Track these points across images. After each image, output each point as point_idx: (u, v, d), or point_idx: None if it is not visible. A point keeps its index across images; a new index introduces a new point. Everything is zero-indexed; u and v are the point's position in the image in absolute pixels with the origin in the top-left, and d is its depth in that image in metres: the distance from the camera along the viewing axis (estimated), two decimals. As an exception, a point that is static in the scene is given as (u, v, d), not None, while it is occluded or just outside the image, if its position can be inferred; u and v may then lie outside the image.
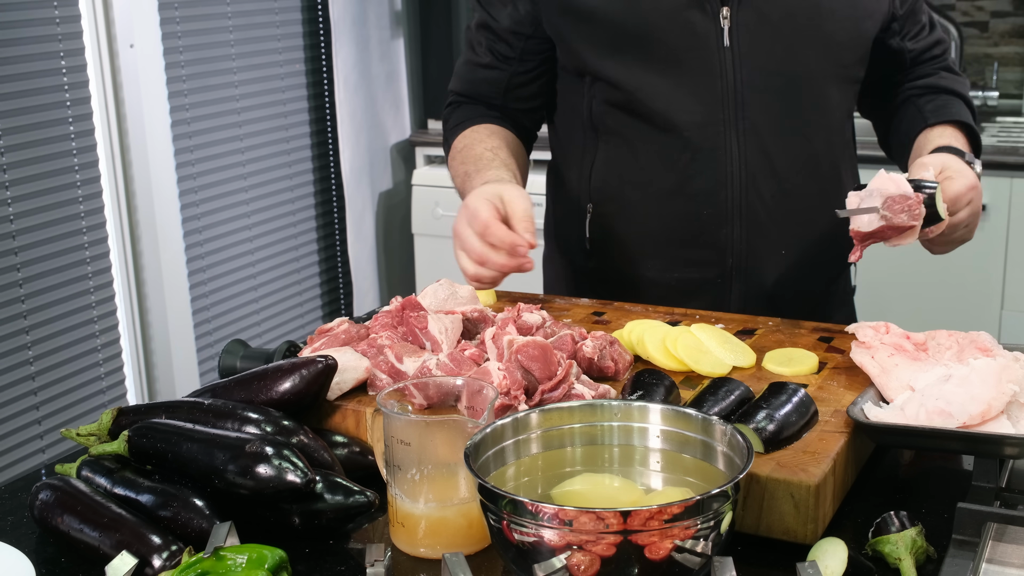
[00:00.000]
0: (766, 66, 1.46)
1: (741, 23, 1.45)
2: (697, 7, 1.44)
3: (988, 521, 0.94)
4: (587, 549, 0.82)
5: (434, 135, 3.46)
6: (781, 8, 1.46)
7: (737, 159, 1.48)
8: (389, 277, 3.62)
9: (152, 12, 2.75)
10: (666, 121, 1.48)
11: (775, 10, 1.45)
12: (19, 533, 1.06)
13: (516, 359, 1.13)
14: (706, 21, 1.45)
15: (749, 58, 1.46)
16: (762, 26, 1.45)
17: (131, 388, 2.86)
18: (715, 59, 1.46)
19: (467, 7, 3.36)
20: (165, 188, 2.83)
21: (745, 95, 1.47)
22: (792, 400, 1.06)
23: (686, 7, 1.44)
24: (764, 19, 1.45)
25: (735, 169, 1.49)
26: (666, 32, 1.45)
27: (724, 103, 1.47)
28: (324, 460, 1.06)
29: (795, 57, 1.47)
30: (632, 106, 1.49)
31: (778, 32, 1.46)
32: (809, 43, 1.47)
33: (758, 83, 1.47)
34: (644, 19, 1.45)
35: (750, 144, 1.48)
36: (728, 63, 1.46)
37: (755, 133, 1.48)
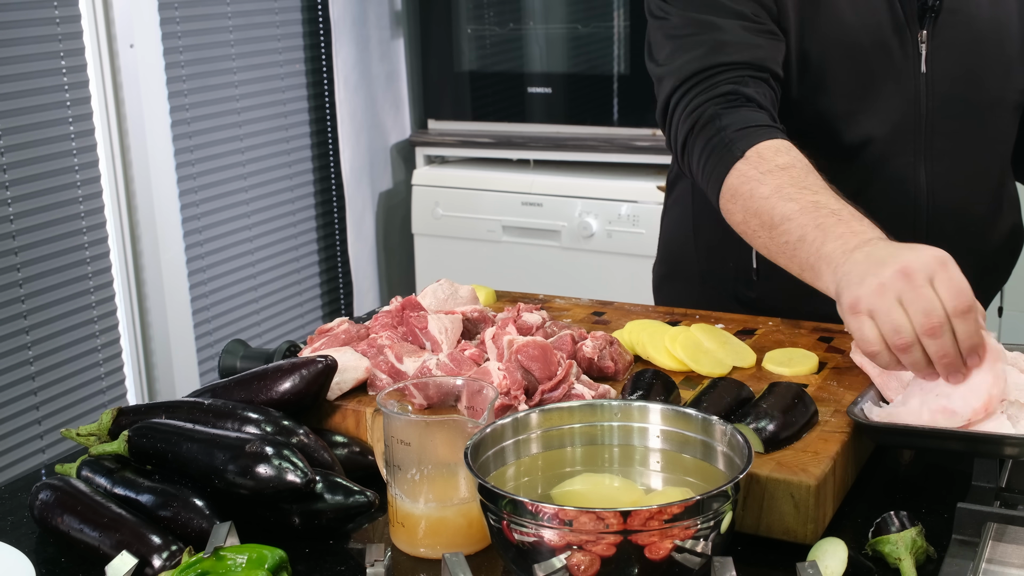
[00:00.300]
0: (952, 92, 1.40)
1: (936, 47, 1.38)
2: (896, 32, 1.37)
3: (988, 521, 0.94)
4: (587, 549, 0.82)
5: (434, 135, 3.46)
6: (969, 32, 1.39)
7: (924, 189, 1.42)
8: (389, 277, 3.62)
9: (152, 12, 2.74)
10: (856, 149, 1.39)
11: (964, 34, 1.39)
12: (19, 533, 1.06)
13: (516, 359, 1.13)
14: (904, 45, 1.37)
15: (940, 83, 1.39)
16: (953, 50, 1.39)
17: (131, 388, 2.86)
18: (911, 85, 1.38)
19: (467, 7, 3.36)
20: (165, 188, 2.83)
21: (934, 121, 1.40)
22: (792, 400, 1.06)
23: (887, 31, 1.36)
24: (955, 43, 1.38)
25: (922, 200, 1.42)
26: (867, 55, 1.37)
27: (916, 130, 1.40)
28: (324, 460, 1.06)
29: (977, 81, 1.41)
30: (819, 130, 1.39)
31: (965, 56, 1.39)
32: (991, 68, 1.41)
33: (946, 109, 1.40)
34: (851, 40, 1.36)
35: (937, 173, 1.41)
36: (923, 90, 1.39)
37: (941, 161, 1.40)
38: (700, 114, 1.31)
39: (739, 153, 1.26)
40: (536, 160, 3.30)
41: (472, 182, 3.31)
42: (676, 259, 1.67)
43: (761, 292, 1.52)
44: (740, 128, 1.27)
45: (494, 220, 3.25)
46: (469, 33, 3.40)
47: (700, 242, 1.59)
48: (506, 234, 3.24)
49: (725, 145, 1.28)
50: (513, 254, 3.24)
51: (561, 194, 3.13)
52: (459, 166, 3.44)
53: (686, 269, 1.63)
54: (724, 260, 1.54)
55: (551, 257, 3.17)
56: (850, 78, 1.38)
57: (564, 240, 3.13)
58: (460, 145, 3.41)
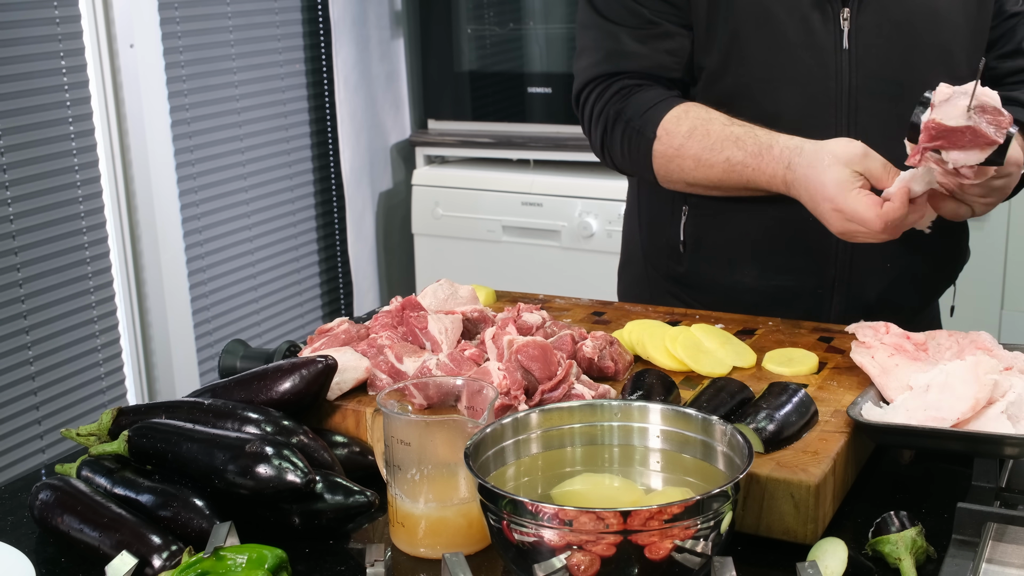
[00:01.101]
0: (880, 71, 1.42)
1: (860, 26, 1.41)
2: (817, 7, 1.40)
3: (988, 521, 0.94)
4: (587, 549, 0.82)
5: (434, 135, 3.46)
6: (900, 14, 1.41)
7: None
8: (389, 277, 3.62)
9: (152, 12, 2.74)
10: (776, 120, 1.41)
11: (895, 16, 1.41)
12: (19, 533, 1.06)
13: (516, 359, 1.13)
14: (826, 21, 1.41)
15: (865, 62, 1.41)
16: (880, 31, 1.41)
17: (131, 388, 2.86)
18: (831, 60, 1.41)
19: (467, 7, 3.36)
20: (165, 188, 2.83)
21: (859, 99, 1.42)
22: (792, 400, 1.06)
23: (809, 6, 1.40)
24: (883, 24, 1.41)
25: None
26: (786, 27, 1.41)
27: (837, 106, 1.42)
28: (324, 460, 1.06)
29: (910, 64, 1.42)
30: (740, 102, 1.43)
31: (895, 38, 1.42)
32: (924, 51, 1.43)
33: (872, 88, 1.42)
34: (766, 10, 1.40)
35: None
36: (844, 66, 1.41)
37: (865, 138, 1.40)
38: (606, 116, 1.48)
39: (651, 135, 1.43)
40: (536, 160, 3.30)
41: (472, 182, 3.31)
42: (628, 245, 1.71)
43: (689, 266, 1.56)
44: (642, 113, 1.44)
45: (494, 220, 3.25)
46: (469, 33, 3.40)
47: (643, 221, 1.64)
48: (506, 234, 3.24)
49: (637, 133, 1.45)
50: (513, 254, 3.24)
51: (561, 194, 3.13)
52: (459, 166, 3.44)
53: (635, 253, 1.68)
54: (660, 236, 1.59)
55: (551, 257, 3.17)
56: (766, 49, 1.42)
57: (564, 240, 3.14)
58: (460, 145, 3.41)
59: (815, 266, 1.48)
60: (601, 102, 1.49)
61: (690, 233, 1.53)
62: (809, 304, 1.50)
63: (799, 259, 1.49)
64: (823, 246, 1.46)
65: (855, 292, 1.49)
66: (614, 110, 1.47)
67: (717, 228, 1.51)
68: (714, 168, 1.40)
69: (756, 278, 1.51)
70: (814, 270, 1.48)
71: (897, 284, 1.51)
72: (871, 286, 1.50)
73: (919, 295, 1.56)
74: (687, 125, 1.41)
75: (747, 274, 1.51)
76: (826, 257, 1.47)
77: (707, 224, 1.52)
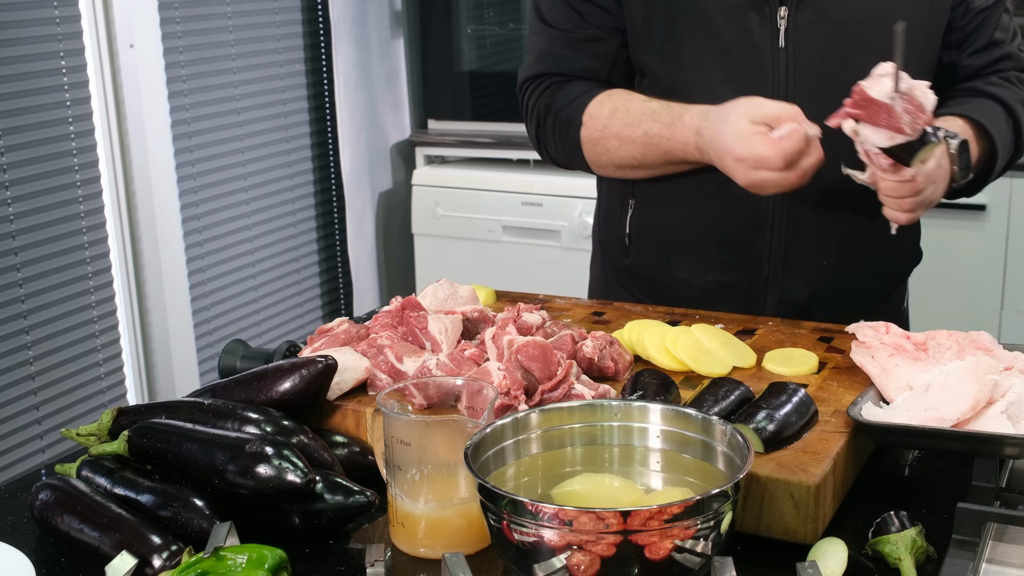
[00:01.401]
0: (819, 70, 1.42)
1: (798, 25, 1.41)
2: (755, 7, 1.41)
3: (988, 521, 0.94)
4: (587, 549, 0.82)
5: (434, 135, 3.46)
6: (839, 12, 1.41)
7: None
8: (389, 277, 3.62)
9: (152, 12, 2.75)
10: None
11: (832, 14, 1.41)
12: (19, 533, 1.06)
13: (516, 359, 1.13)
14: (762, 20, 1.41)
15: (803, 61, 1.42)
16: (819, 29, 1.41)
17: (131, 388, 2.86)
18: (768, 59, 1.42)
19: (467, 7, 3.36)
20: (165, 188, 2.83)
21: (796, 99, 1.39)
22: (792, 400, 1.06)
23: (745, 6, 1.41)
24: (821, 23, 1.41)
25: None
26: (720, 28, 1.42)
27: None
28: (324, 460, 1.06)
29: (849, 62, 1.41)
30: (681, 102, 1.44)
31: (834, 37, 1.42)
32: (866, 49, 1.40)
33: (811, 88, 1.42)
34: (700, 11, 1.42)
35: None
36: (781, 65, 1.42)
37: None
38: (538, 111, 1.55)
39: (578, 123, 1.49)
40: (536, 160, 3.30)
41: (472, 182, 3.31)
42: (593, 241, 1.73)
43: (633, 259, 1.58)
44: (570, 103, 1.50)
45: (494, 220, 3.25)
46: (469, 33, 3.40)
47: (600, 215, 1.67)
48: (506, 234, 3.24)
49: (565, 123, 1.51)
50: (513, 254, 3.24)
51: (561, 194, 3.13)
52: (459, 166, 3.44)
53: (596, 247, 1.70)
54: (611, 228, 1.62)
55: (551, 257, 3.17)
56: (702, 49, 1.44)
57: (564, 240, 3.14)
58: (460, 145, 3.41)
59: (749, 262, 1.49)
60: (533, 99, 1.56)
61: (635, 225, 1.56)
62: (744, 300, 1.51)
63: (733, 255, 1.50)
64: (758, 242, 1.48)
65: (790, 290, 1.49)
66: (544, 104, 1.54)
67: (659, 221, 1.54)
68: (635, 144, 1.45)
69: (692, 272, 1.53)
70: (748, 266, 1.49)
71: (833, 285, 1.50)
72: (805, 285, 1.49)
73: (860, 297, 1.55)
74: (609, 107, 1.47)
75: (684, 268, 1.54)
76: (760, 254, 1.48)
77: (649, 217, 1.55)
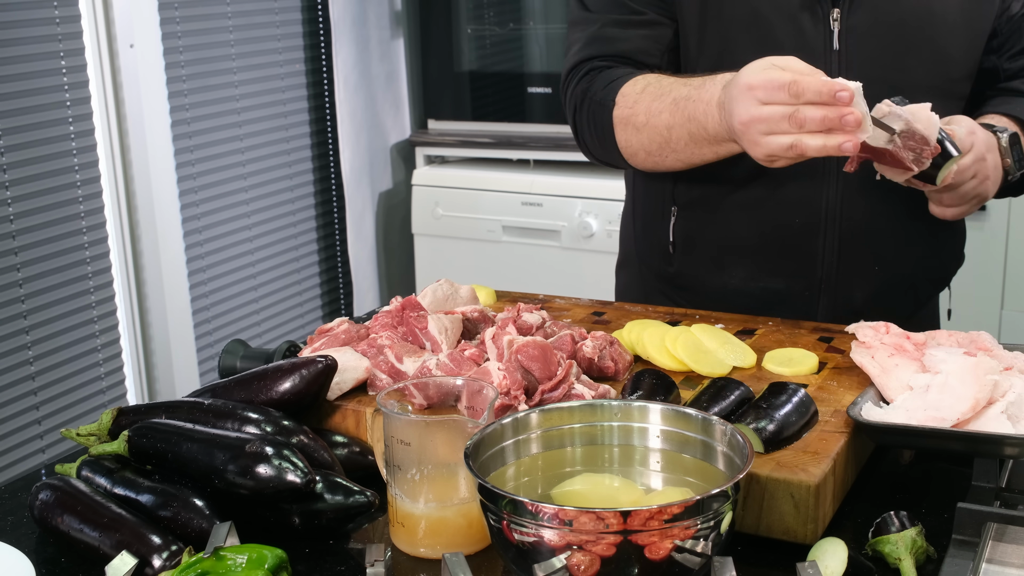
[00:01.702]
0: (872, 73, 1.39)
1: (851, 27, 1.40)
2: (807, 7, 1.40)
3: (988, 521, 0.94)
4: (587, 549, 0.82)
5: (434, 135, 3.46)
6: (893, 15, 1.40)
7: (836, 167, 1.42)
8: (389, 277, 3.62)
9: (152, 12, 2.74)
10: None
11: (887, 16, 1.40)
12: (19, 533, 1.06)
13: (516, 359, 1.13)
14: (816, 22, 1.40)
15: (857, 63, 1.40)
16: (872, 32, 1.40)
17: (131, 388, 2.86)
18: (822, 62, 1.38)
19: (467, 7, 3.36)
20: (165, 188, 2.83)
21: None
22: (792, 400, 1.06)
23: (798, 8, 1.40)
24: (875, 25, 1.40)
25: (832, 178, 1.43)
26: (775, 29, 1.40)
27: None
28: (324, 460, 1.06)
29: (902, 66, 1.41)
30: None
31: (888, 39, 1.41)
32: (918, 53, 1.42)
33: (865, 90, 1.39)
34: (754, 12, 1.40)
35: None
36: (835, 67, 1.40)
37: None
38: (575, 98, 1.51)
39: (611, 104, 1.44)
40: (536, 160, 3.30)
41: (472, 182, 3.31)
42: (625, 245, 1.71)
43: (679, 267, 1.56)
44: (605, 86, 1.45)
45: (494, 220, 3.25)
46: (469, 33, 3.40)
47: (637, 223, 1.64)
48: (506, 234, 3.24)
49: (599, 106, 1.46)
50: (513, 254, 3.24)
51: (561, 194, 3.13)
52: (459, 166, 3.44)
53: (630, 253, 1.68)
54: (651, 236, 1.59)
55: (551, 257, 3.17)
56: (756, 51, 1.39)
57: (564, 240, 3.14)
58: (460, 145, 3.41)
59: (803, 268, 1.48)
60: (571, 87, 1.52)
61: (679, 234, 1.54)
62: (797, 306, 1.49)
63: (787, 262, 1.48)
64: (811, 248, 1.46)
65: (843, 295, 1.49)
66: (581, 90, 1.50)
67: (705, 229, 1.51)
68: (663, 114, 1.37)
69: (744, 280, 1.51)
70: (802, 272, 1.48)
71: (886, 288, 1.51)
72: (859, 289, 1.49)
73: (910, 299, 1.56)
74: (642, 83, 1.42)
75: (735, 276, 1.51)
76: (814, 259, 1.47)
77: (696, 225, 1.52)
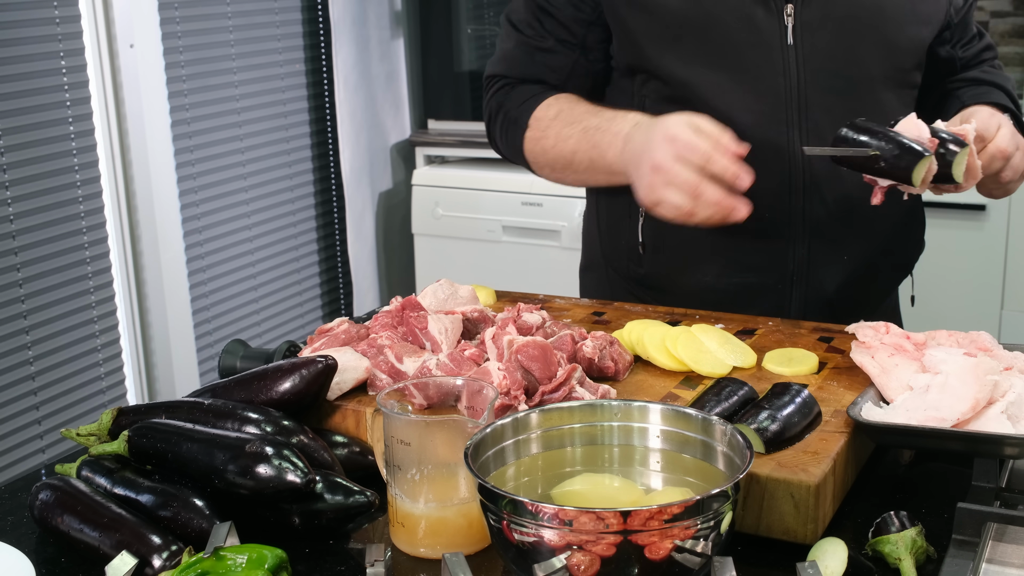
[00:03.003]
0: (828, 66, 1.42)
1: (805, 22, 1.41)
2: (761, 3, 1.41)
3: (988, 521, 0.94)
4: (587, 549, 0.82)
5: (434, 135, 3.46)
6: (843, 9, 1.42)
7: (801, 161, 1.44)
8: (389, 277, 3.62)
9: (152, 12, 2.75)
10: (727, 120, 1.39)
11: (837, 10, 1.42)
12: (19, 533, 1.06)
13: (516, 359, 1.13)
14: (770, 18, 1.41)
15: (812, 57, 1.42)
16: (825, 26, 1.42)
17: (131, 388, 2.86)
18: (778, 57, 1.41)
19: (467, 7, 3.36)
20: (165, 188, 2.83)
21: (808, 95, 1.42)
22: (795, 401, 1.06)
23: (750, 3, 1.41)
24: (827, 19, 1.42)
25: (798, 171, 1.44)
26: (728, 27, 1.41)
27: (788, 103, 1.42)
28: (324, 460, 1.06)
29: (856, 59, 1.43)
30: (690, 104, 1.42)
31: (840, 33, 1.43)
32: (870, 45, 1.44)
33: (821, 83, 1.43)
34: (707, 13, 1.41)
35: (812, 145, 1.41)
36: (792, 62, 1.42)
37: (818, 134, 1.42)
38: (490, 108, 1.59)
39: (524, 125, 1.52)
40: (536, 160, 3.29)
41: (472, 182, 3.31)
42: (588, 248, 1.71)
43: (649, 268, 1.56)
44: (520, 104, 1.53)
45: (494, 220, 3.25)
46: (469, 33, 3.40)
47: (602, 225, 1.65)
48: (506, 234, 3.24)
49: (512, 122, 1.54)
50: (513, 254, 3.24)
51: (561, 194, 3.13)
52: (459, 166, 3.44)
53: (595, 256, 1.68)
54: (618, 238, 1.60)
55: (551, 257, 3.17)
56: (712, 50, 1.43)
57: (564, 240, 3.13)
58: (460, 145, 3.41)
59: (774, 261, 1.49)
60: (489, 94, 1.60)
61: (648, 234, 1.54)
62: (770, 300, 1.50)
63: (758, 255, 1.49)
64: (780, 241, 1.48)
65: (815, 286, 1.50)
66: (496, 103, 1.58)
67: (675, 228, 1.50)
68: (570, 139, 1.45)
69: (716, 277, 1.52)
70: (773, 266, 1.49)
71: (855, 276, 1.52)
72: (830, 279, 1.51)
73: (877, 286, 1.58)
74: (555, 109, 1.50)
75: (707, 273, 1.52)
76: (784, 253, 1.48)
77: (665, 225, 1.51)
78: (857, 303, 1.52)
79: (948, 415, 1.04)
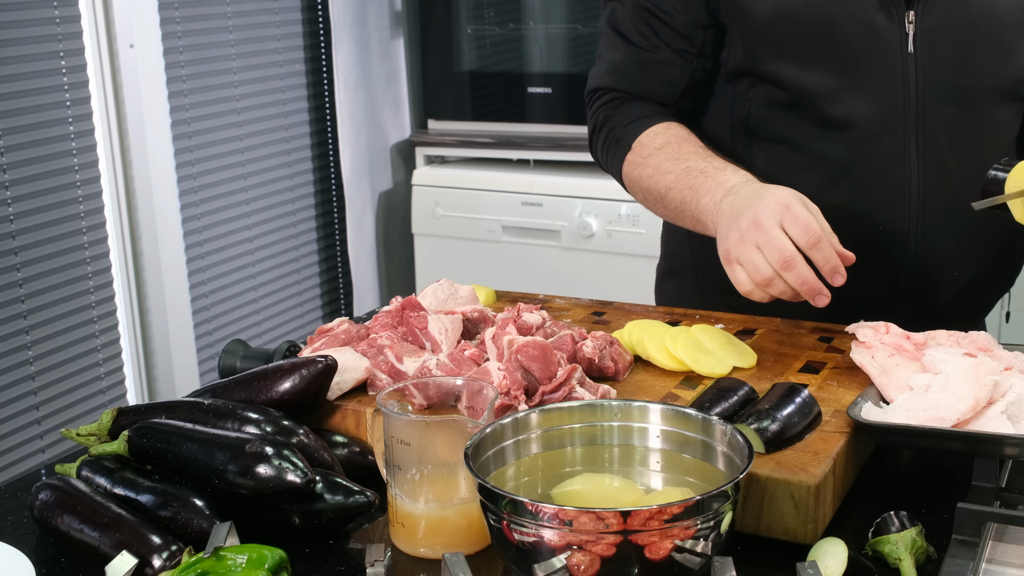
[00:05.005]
0: (945, 76, 1.38)
1: (924, 30, 1.38)
2: (883, 10, 1.37)
3: (988, 521, 0.94)
4: (587, 549, 0.82)
5: (434, 135, 3.46)
6: (962, 17, 1.38)
7: (916, 172, 1.40)
8: (389, 277, 3.62)
9: (152, 12, 2.74)
10: (843, 126, 1.38)
11: (956, 19, 1.38)
12: (19, 533, 1.06)
13: (516, 359, 1.13)
14: (891, 25, 1.37)
15: (931, 66, 1.38)
16: (944, 35, 1.38)
17: (131, 388, 2.86)
18: (898, 65, 1.37)
19: (467, 7, 3.36)
20: (165, 188, 2.83)
21: (926, 104, 1.38)
22: (795, 401, 1.06)
23: (872, 9, 1.37)
24: (946, 27, 1.38)
25: (914, 183, 1.40)
26: (850, 33, 1.38)
27: (905, 112, 1.38)
28: (324, 460, 1.06)
29: (972, 69, 1.39)
30: (804, 109, 1.40)
31: (958, 42, 1.39)
32: (986, 55, 1.40)
33: (940, 94, 1.38)
34: (829, 16, 1.37)
35: (929, 157, 1.39)
36: (911, 70, 1.38)
37: (934, 145, 1.39)
38: (595, 120, 1.56)
39: (627, 147, 1.48)
40: (536, 160, 3.30)
41: (472, 182, 3.31)
42: (673, 255, 1.68)
43: None
44: (626, 124, 1.49)
45: (494, 220, 3.25)
46: (469, 33, 3.40)
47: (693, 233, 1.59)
48: (506, 234, 3.24)
49: (616, 141, 1.50)
50: (513, 254, 3.24)
51: (561, 194, 3.13)
52: (459, 166, 3.44)
53: (682, 263, 1.65)
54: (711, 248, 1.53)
55: (551, 257, 3.17)
56: (831, 55, 1.39)
57: (564, 240, 3.13)
58: (460, 145, 3.41)
59: (885, 275, 1.44)
60: (595, 105, 1.56)
61: None
62: (878, 315, 1.42)
63: (867, 269, 1.40)
64: (892, 255, 1.43)
65: (924, 300, 1.45)
66: (603, 116, 1.54)
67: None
68: (669, 174, 1.40)
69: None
70: (884, 279, 1.45)
71: (964, 292, 1.48)
72: (941, 293, 1.46)
73: (981, 302, 1.54)
74: (662, 140, 1.44)
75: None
76: (896, 266, 1.44)
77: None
78: (962, 319, 1.46)
79: (948, 415, 1.04)
